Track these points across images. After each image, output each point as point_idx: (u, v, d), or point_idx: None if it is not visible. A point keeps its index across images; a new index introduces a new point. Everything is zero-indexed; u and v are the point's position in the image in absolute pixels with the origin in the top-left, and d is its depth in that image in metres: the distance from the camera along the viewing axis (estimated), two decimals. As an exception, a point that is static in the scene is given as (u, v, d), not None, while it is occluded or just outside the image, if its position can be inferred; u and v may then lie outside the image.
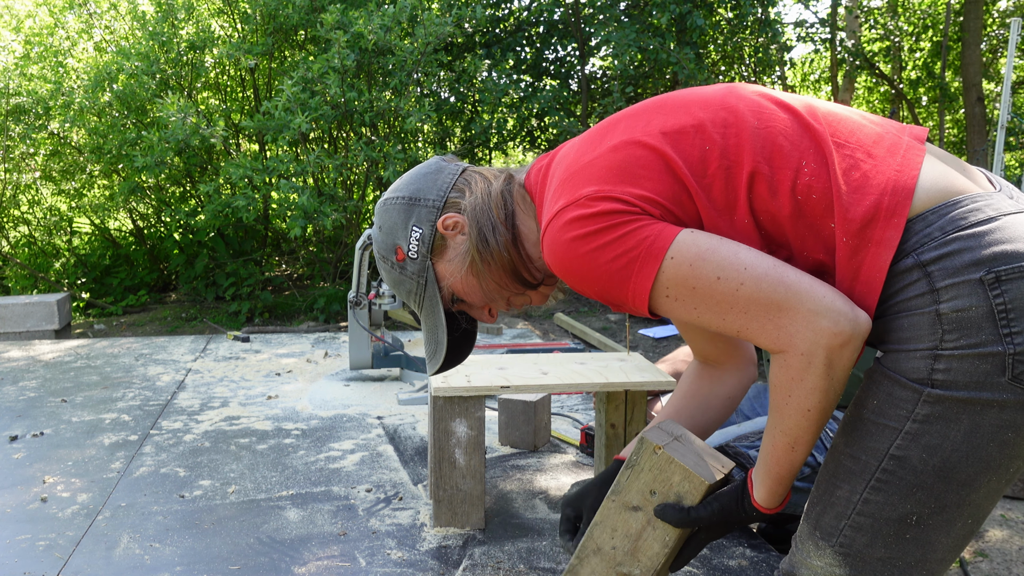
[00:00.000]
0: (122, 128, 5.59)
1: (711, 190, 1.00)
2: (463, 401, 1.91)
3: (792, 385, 0.95)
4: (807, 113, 1.02)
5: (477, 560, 1.84)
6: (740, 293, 0.95)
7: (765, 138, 1.00)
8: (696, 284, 0.96)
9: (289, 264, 7.45)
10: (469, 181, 1.19)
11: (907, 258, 0.93)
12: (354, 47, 5.02)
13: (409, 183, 1.21)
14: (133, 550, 1.91)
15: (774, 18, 6.99)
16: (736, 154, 1.00)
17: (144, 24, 5.55)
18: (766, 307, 0.94)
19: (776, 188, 0.99)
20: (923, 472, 0.94)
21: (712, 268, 0.95)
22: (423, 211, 1.17)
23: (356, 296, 3.33)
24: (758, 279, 0.94)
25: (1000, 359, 0.90)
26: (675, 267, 0.96)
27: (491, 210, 1.15)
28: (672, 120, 1.03)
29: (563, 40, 7.55)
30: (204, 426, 2.86)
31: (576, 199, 1.00)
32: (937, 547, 0.98)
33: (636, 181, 0.99)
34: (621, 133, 1.05)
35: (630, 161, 1.01)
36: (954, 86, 10.11)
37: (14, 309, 4.64)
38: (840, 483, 1.00)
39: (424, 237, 1.16)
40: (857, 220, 0.95)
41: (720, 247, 0.96)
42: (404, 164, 5.32)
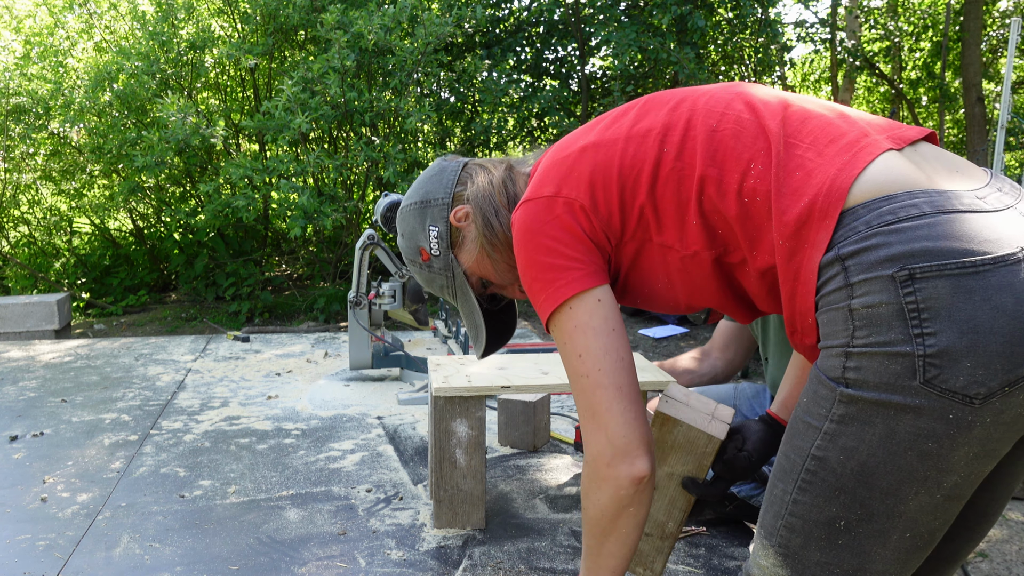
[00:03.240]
0: (122, 128, 5.59)
1: (666, 191, 1.06)
2: (463, 401, 1.91)
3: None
4: (771, 114, 1.03)
5: (477, 560, 1.84)
6: (581, 381, 1.09)
7: (720, 141, 1.03)
8: (566, 342, 1.10)
9: (289, 264, 7.45)
10: (471, 173, 1.29)
11: (830, 251, 0.92)
12: (354, 47, 5.02)
13: (418, 189, 1.31)
14: (133, 550, 1.91)
15: (774, 18, 6.99)
16: (691, 157, 1.04)
17: (144, 24, 5.55)
18: (588, 407, 1.09)
19: (724, 190, 1.02)
20: (842, 475, 0.92)
21: (581, 346, 1.08)
22: (435, 210, 1.28)
23: (356, 296, 3.33)
24: (599, 386, 1.07)
25: (910, 360, 0.86)
26: (565, 317, 1.09)
27: (493, 196, 1.24)
28: (643, 122, 1.10)
29: (563, 40, 7.55)
30: (204, 426, 2.86)
31: (538, 196, 1.11)
32: (874, 558, 0.94)
33: (593, 187, 1.09)
34: (597, 132, 1.13)
35: (592, 165, 1.10)
36: (954, 86, 10.11)
37: (14, 309, 4.64)
38: (777, 481, 1.01)
39: (441, 233, 1.27)
40: (791, 223, 0.95)
41: (600, 336, 1.08)
42: (404, 164, 5.32)
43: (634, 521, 1.11)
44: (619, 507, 1.09)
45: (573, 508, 2.11)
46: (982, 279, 0.84)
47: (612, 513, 1.10)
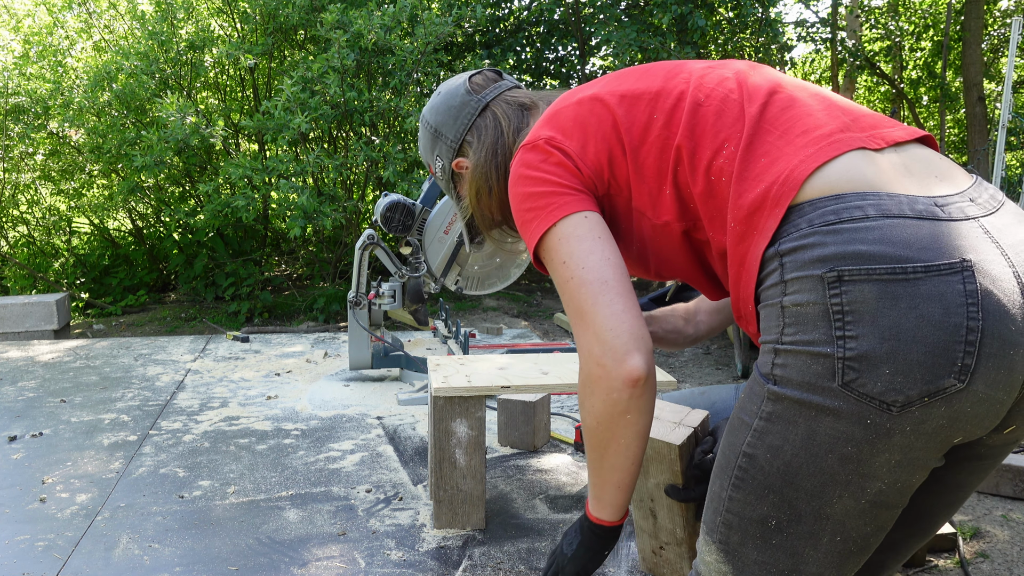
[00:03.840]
0: (121, 128, 5.58)
1: (648, 157, 1.07)
2: (463, 401, 1.90)
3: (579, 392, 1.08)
4: (755, 97, 1.03)
5: (477, 560, 1.83)
6: (567, 285, 1.06)
7: (702, 116, 1.03)
8: (553, 257, 1.08)
9: (289, 264, 7.44)
10: (485, 127, 1.31)
11: (771, 247, 0.92)
12: (354, 47, 5.01)
13: (437, 112, 1.36)
14: (132, 551, 1.90)
15: (774, 18, 6.99)
16: (675, 126, 1.05)
17: (143, 23, 5.54)
18: (575, 309, 1.05)
19: (696, 165, 1.02)
20: (770, 474, 0.92)
21: (565, 252, 1.06)
22: (443, 146, 1.35)
23: (356, 296, 3.32)
24: (583, 283, 1.03)
25: (830, 362, 0.85)
26: (552, 236, 1.08)
27: (489, 172, 1.28)
28: (638, 85, 1.12)
29: (563, 40, 7.55)
30: (203, 426, 2.85)
31: (536, 139, 1.13)
32: (808, 560, 0.94)
33: (584, 137, 1.11)
34: (597, 88, 1.15)
35: (586, 116, 1.12)
36: (955, 86, 10.11)
37: (13, 309, 4.64)
38: (715, 478, 1.00)
39: (445, 168, 1.36)
40: (745, 207, 0.95)
41: (584, 241, 1.06)
42: (404, 164, 5.31)
43: (634, 430, 1.03)
44: (614, 412, 1.01)
45: (573, 508, 2.11)
46: (911, 287, 0.83)
47: (607, 420, 1.03)
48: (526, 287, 7.26)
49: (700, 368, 4.75)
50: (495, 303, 6.32)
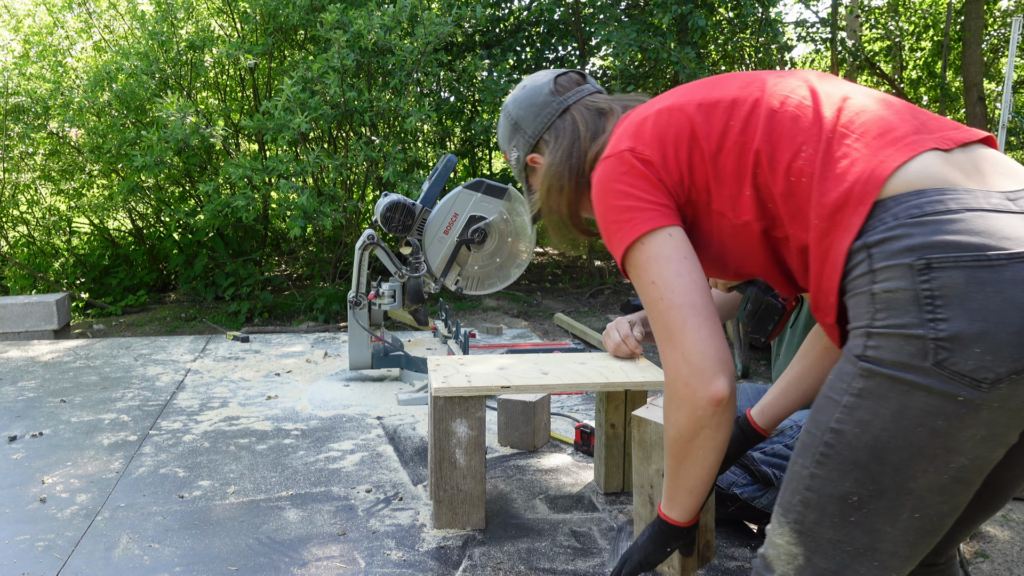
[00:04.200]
0: (121, 128, 5.58)
1: (727, 161, 1.14)
2: (463, 401, 1.90)
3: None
4: (830, 104, 1.10)
5: (477, 561, 1.83)
6: (656, 305, 1.14)
7: (779, 122, 1.11)
8: (641, 275, 1.17)
9: (289, 264, 7.44)
10: (563, 129, 1.40)
11: (858, 240, 0.98)
12: (354, 47, 5.01)
13: (520, 105, 1.45)
14: (132, 551, 1.90)
15: (774, 18, 6.98)
16: (752, 132, 1.13)
17: (143, 23, 5.54)
18: (664, 329, 1.14)
19: (775, 167, 1.10)
20: (857, 448, 0.97)
21: (654, 273, 1.15)
22: (520, 139, 1.46)
23: (356, 296, 3.32)
24: (672, 306, 1.12)
25: (923, 343, 0.91)
26: (638, 251, 1.17)
27: (563, 172, 1.37)
28: (714, 94, 1.19)
29: (563, 40, 7.54)
30: (203, 426, 2.85)
31: (618, 150, 1.21)
32: (884, 537, 0.98)
33: (664, 147, 1.18)
34: (673, 98, 1.23)
35: (665, 126, 1.19)
36: (955, 86, 10.10)
37: (13, 309, 4.63)
38: (796, 458, 1.05)
39: (520, 159, 1.47)
40: (829, 205, 1.02)
41: (671, 263, 1.14)
42: (404, 164, 5.31)
43: (711, 444, 1.15)
44: (696, 428, 1.13)
45: (573, 508, 2.11)
46: (996, 272, 0.89)
47: (689, 434, 1.14)
48: (526, 287, 7.26)
49: (700, 368, 4.76)
50: (495, 303, 6.32)
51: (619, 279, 7.66)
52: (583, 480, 2.29)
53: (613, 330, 2.11)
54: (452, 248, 3.24)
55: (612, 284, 7.37)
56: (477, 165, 8.21)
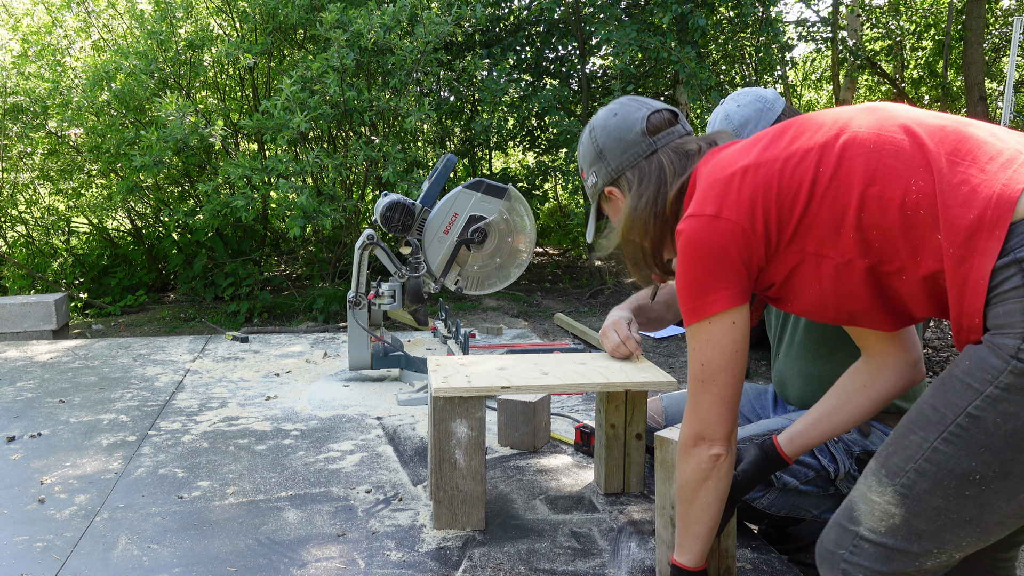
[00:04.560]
0: (120, 127, 5.57)
1: (822, 207, 1.19)
2: (463, 401, 1.89)
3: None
4: (927, 133, 1.15)
5: (477, 561, 1.82)
6: (696, 375, 1.32)
7: (879, 160, 1.15)
8: (697, 348, 1.32)
9: (288, 264, 7.43)
10: (649, 172, 1.43)
11: (1007, 256, 1.03)
12: (353, 46, 5.00)
13: (608, 135, 1.48)
14: (131, 551, 1.89)
15: (775, 17, 6.97)
16: (847, 175, 1.16)
17: (142, 23, 5.53)
18: (693, 400, 1.34)
19: (886, 205, 1.14)
20: (995, 435, 1.03)
21: (706, 356, 1.31)
22: (602, 167, 1.49)
23: (355, 296, 3.32)
24: (707, 388, 1.31)
25: None
26: (703, 329, 1.30)
27: (648, 219, 1.42)
28: (797, 145, 1.23)
29: (563, 39, 7.53)
30: (203, 427, 2.84)
31: (702, 214, 1.27)
32: (995, 511, 1.06)
33: (753, 209, 1.23)
34: (756, 153, 1.27)
35: (754, 187, 1.24)
36: (956, 85, 10.10)
37: (11, 309, 4.63)
38: (917, 429, 1.11)
39: (597, 185, 1.52)
40: (962, 231, 1.07)
41: (724, 355, 1.29)
42: (403, 164, 5.30)
43: (714, 493, 1.36)
44: (699, 478, 1.35)
45: (573, 509, 2.10)
46: None
47: (694, 483, 1.36)
48: (526, 287, 7.26)
49: (700, 368, 4.75)
50: (495, 303, 6.31)
51: (619, 279, 7.65)
52: (583, 481, 2.29)
53: (611, 330, 2.09)
54: (452, 248, 3.24)
55: (612, 284, 7.36)
56: (477, 165, 8.20)
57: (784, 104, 1.95)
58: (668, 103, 7.88)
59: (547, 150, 8.32)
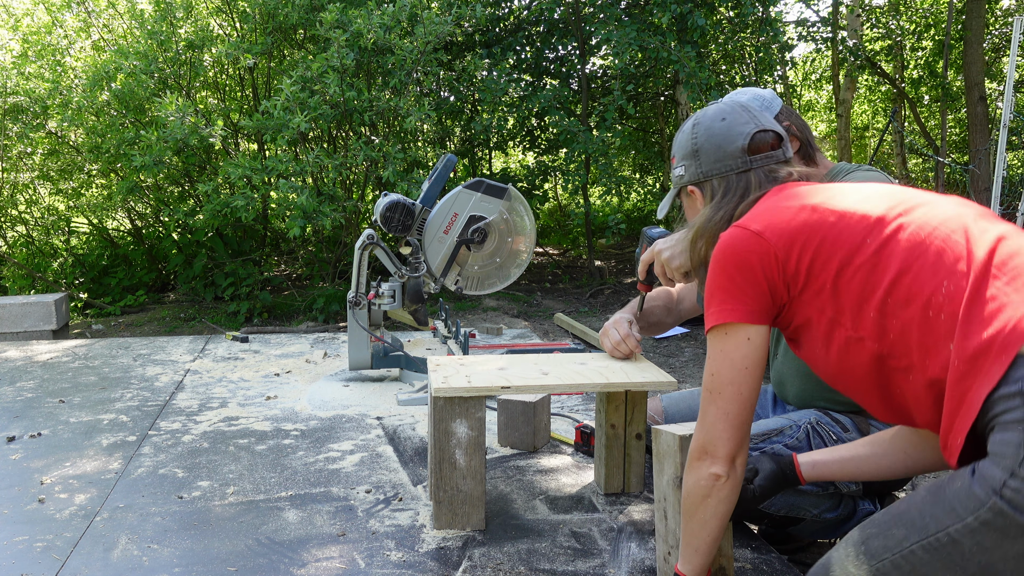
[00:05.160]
0: (120, 127, 5.57)
1: (854, 276, 1.19)
2: (463, 402, 1.89)
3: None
4: (983, 242, 1.13)
5: (476, 561, 1.82)
6: (708, 386, 1.33)
7: (922, 252, 1.14)
8: (711, 356, 1.33)
9: (288, 264, 7.43)
10: (735, 187, 1.44)
11: (1012, 385, 1.01)
12: (353, 46, 5.00)
13: (711, 138, 1.47)
14: (131, 551, 1.89)
15: (775, 17, 6.97)
16: (888, 256, 1.17)
17: (142, 23, 5.53)
18: (703, 410, 1.34)
19: (912, 298, 1.13)
20: (969, 560, 1.03)
21: (716, 366, 1.32)
22: (692, 164, 1.50)
23: (355, 296, 3.32)
24: (714, 400, 1.32)
25: None
26: (719, 335, 1.31)
27: (717, 234, 1.40)
28: (859, 206, 1.23)
29: (563, 39, 7.53)
30: (203, 427, 2.84)
31: (746, 227, 1.29)
32: None
33: (792, 244, 1.24)
34: (822, 198, 1.29)
35: (803, 225, 1.25)
36: (956, 85, 10.10)
37: (11, 309, 4.63)
38: (902, 526, 1.13)
39: (682, 178, 1.53)
40: (971, 349, 1.05)
41: (734, 368, 1.29)
42: (403, 164, 5.30)
43: (712, 511, 1.35)
44: (700, 494, 1.35)
45: (573, 509, 2.10)
46: None
47: (694, 497, 1.37)
48: (526, 287, 7.26)
49: (700, 368, 4.75)
50: (495, 303, 6.31)
51: (619, 279, 7.65)
52: (583, 481, 2.29)
53: (612, 329, 2.09)
54: (452, 248, 3.23)
55: (612, 284, 7.36)
56: (477, 165, 8.20)
57: (782, 104, 1.95)
58: (668, 103, 7.86)
59: (547, 150, 8.32)
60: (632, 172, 11.41)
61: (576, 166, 6.86)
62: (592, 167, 6.87)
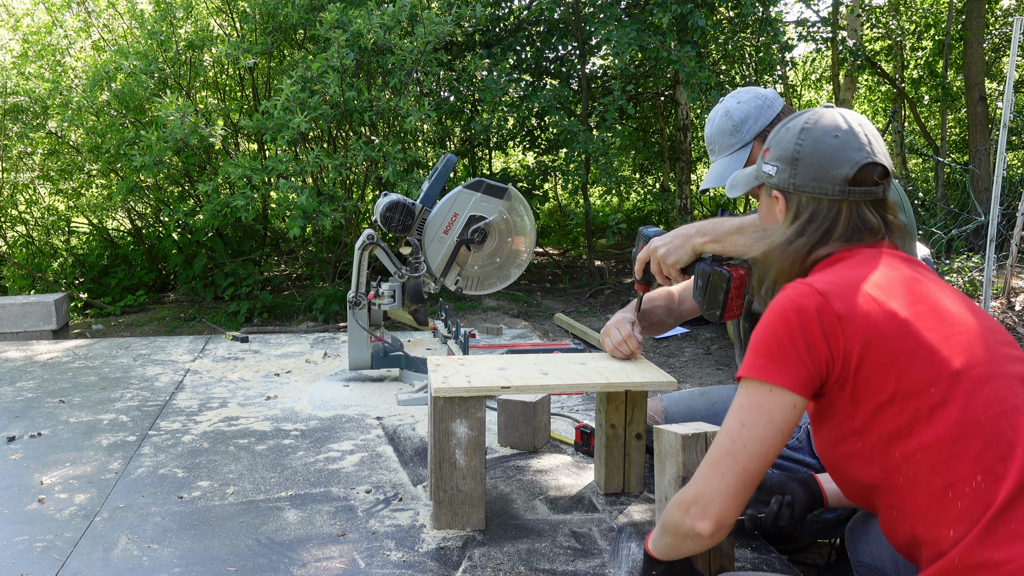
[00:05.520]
0: (120, 127, 5.58)
1: (899, 414, 1.15)
2: (463, 402, 1.89)
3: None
4: None
5: (476, 561, 1.82)
6: (727, 441, 1.24)
7: (970, 435, 1.12)
8: (744, 406, 1.24)
9: (288, 264, 7.44)
10: (823, 215, 1.33)
11: None
12: (353, 46, 5.00)
13: (816, 148, 1.33)
14: (131, 551, 1.89)
15: (775, 17, 6.97)
16: (940, 418, 1.13)
17: (143, 23, 5.53)
18: (715, 457, 1.25)
19: (939, 469, 1.12)
20: None
21: (751, 421, 1.22)
22: (786, 170, 1.37)
23: (355, 296, 3.32)
24: (732, 454, 1.22)
25: None
26: (760, 391, 1.22)
27: (794, 261, 1.33)
28: (946, 344, 1.17)
29: (563, 39, 7.53)
30: (203, 427, 2.84)
31: (815, 288, 1.21)
32: None
33: (867, 346, 1.16)
34: (913, 312, 1.20)
35: (880, 333, 1.17)
36: (956, 85, 10.09)
37: (11, 309, 4.63)
38: None
39: (770, 179, 1.40)
40: (976, 559, 1.06)
41: (768, 428, 1.20)
42: (404, 164, 5.30)
43: (687, 549, 1.34)
44: (679, 534, 1.31)
45: (573, 509, 2.10)
46: None
47: (672, 529, 1.33)
48: (526, 287, 7.26)
49: (700, 368, 4.74)
50: (495, 303, 6.31)
51: (619, 279, 7.65)
52: (583, 481, 2.29)
53: (614, 329, 2.09)
54: (452, 248, 3.23)
55: (612, 284, 7.36)
56: (477, 165, 8.21)
57: (783, 104, 1.96)
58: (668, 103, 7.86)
59: (547, 150, 8.32)
60: (632, 172, 11.41)
61: (576, 166, 6.86)
62: (592, 167, 6.88)
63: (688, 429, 1.59)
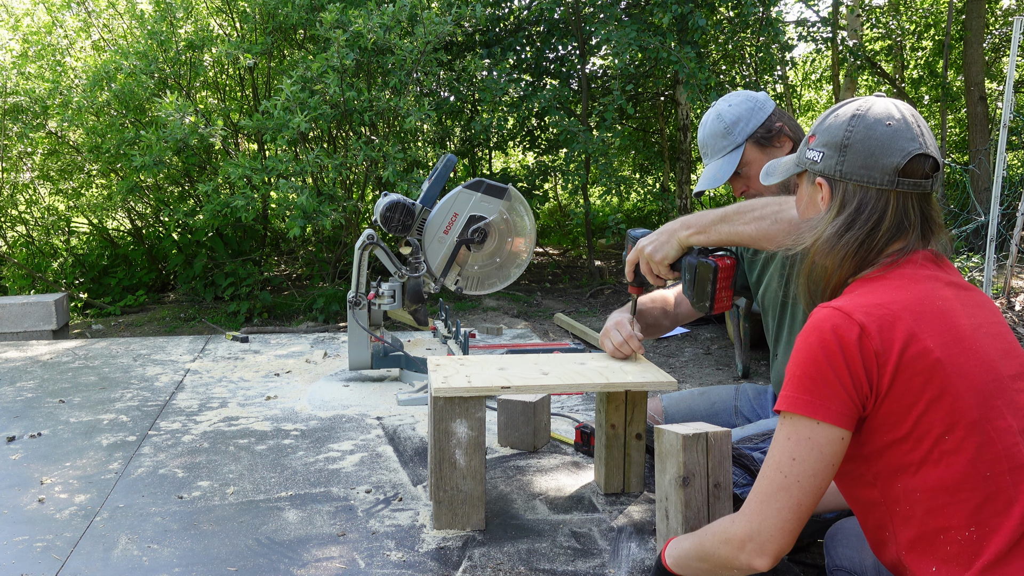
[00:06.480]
0: (120, 127, 5.58)
1: (907, 449, 1.15)
2: (463, 402, 1.89)
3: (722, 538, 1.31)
4: None
5: (477, 561, 1.82)
6: (778, 476, 1.21)
7: (972, 484, 1.12)
8: (792, 438, 1.21)
9: (288, 264, 7.44)
10: (871, 206, 1.30)
11: None
12: (353, 46, 5.00)
13: (867, 135, 1.28)
14: (131, 551, 1.89)
15: (775, 17, 6.97)
16: (950, 455, 1.14)
17: (143, 23, 5.53)
18: (767, 492, 1.22)
19: (935, 513, 1.13)
20: None
21: (802, 455, 1.19)
22: (833, 157, 1.31)
23: (355, 296, 3.32)
24: (786, 488, 1.19)
25: None
26: (807, 425, 1.19)
27: (847, 255, 1.29)
28: (974, 385, 1.16)
29: (563, 39, 7.54)
30: (203, 427, 2.84)
31: (850, 313, 1.18)
32: None
33: (886, 360, 1.15)
34: (944, 329, 1.19)
35: (910, 354, 1.16)
36: (956, 85, 10.10)
37: (11, 309, 4.63)
38: None
39: (815, 165, 1.34)
40: None
41: (818, 463, 1.18)
42: (403, 163, 5.30)
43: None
44: (727, 567, 1.28)
45: (573, 509, 2.10)
46: None
47: (719, 563, 1.30)
48: (526, 287, 7.26)
49: (700, 368, 4.75)
50: (495, 303, 6.31)
51: (619, 279, 7.65)
52: (583, 481, 2.29)
53: (613, 330, 2.09)
54: (452, 248, 3.23)
55: (612, 284, 7.36)
56: (477, 165, 8.21)
57: (775, 106, 1.96)
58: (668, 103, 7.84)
59: (547, 150, 8.32)
60: (632, 172, 11.41)
61: (576, 166, 6.86)
62: (592, 167, 6.88)
63: (689, 429, 1.59)
